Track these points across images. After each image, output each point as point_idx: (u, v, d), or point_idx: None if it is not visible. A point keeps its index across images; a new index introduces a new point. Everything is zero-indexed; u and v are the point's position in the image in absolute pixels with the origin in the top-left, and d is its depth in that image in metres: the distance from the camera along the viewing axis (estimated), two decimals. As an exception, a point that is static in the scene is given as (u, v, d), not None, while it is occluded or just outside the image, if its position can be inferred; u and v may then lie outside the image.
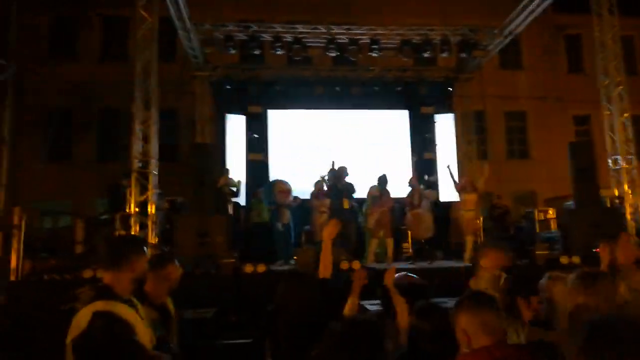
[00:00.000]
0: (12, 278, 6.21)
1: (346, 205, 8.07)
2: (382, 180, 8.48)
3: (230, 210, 9.13)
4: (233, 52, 10.49)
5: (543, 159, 15.53)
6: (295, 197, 9.02)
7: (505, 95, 15.67)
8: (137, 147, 7.83)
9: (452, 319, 2.13)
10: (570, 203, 8.45)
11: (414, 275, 3.26)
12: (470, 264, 5.55)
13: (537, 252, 7.23)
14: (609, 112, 8.70)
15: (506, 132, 16.63)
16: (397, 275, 3.06)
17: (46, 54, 14.56)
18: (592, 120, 15.66)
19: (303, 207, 9.25)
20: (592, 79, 9.61)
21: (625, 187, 8.25)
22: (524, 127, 16.79)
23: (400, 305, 2.75)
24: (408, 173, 11.10)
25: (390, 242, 8.24)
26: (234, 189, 9.17)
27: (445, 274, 6.40)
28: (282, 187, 8.61)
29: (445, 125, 12.48)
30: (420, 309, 2.59)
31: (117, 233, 7.00)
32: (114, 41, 14.24)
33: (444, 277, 5.73)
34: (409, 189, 8.76)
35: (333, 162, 8.36)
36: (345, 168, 8.25)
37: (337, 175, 8.16)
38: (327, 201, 8.50)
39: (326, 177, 8.40)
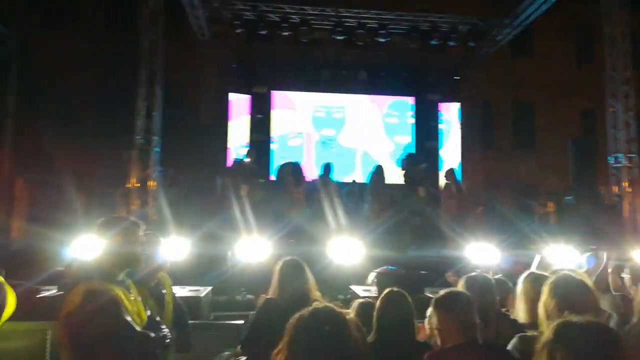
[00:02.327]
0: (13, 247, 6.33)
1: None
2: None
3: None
4: (240, 31, 10.42)
5: (548, 152, 15.45)
6: None
7: (513, 85, 15.51)
8: (140, 123, 7.87)
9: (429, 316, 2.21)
10: (570, 198, 8.46)
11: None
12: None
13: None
14: (613, 109, 8.64)
15: (512, 122, 16.52)
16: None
17: (50, 23, 14.46)
18: (599, 115, 15.52)
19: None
20: (602, 71, 9.49)
21: (626, 184, 8.23)
22: (531, 118, 16.66)
23: None
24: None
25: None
26: None
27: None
28: None
29: (450, 114, 12.43)
30: None
31: (117, 209, 7.09)
32: (120, 12, 14.12)
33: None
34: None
35: None
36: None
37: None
38: None
39: None
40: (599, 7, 9.08)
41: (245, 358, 3.00)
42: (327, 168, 8.51)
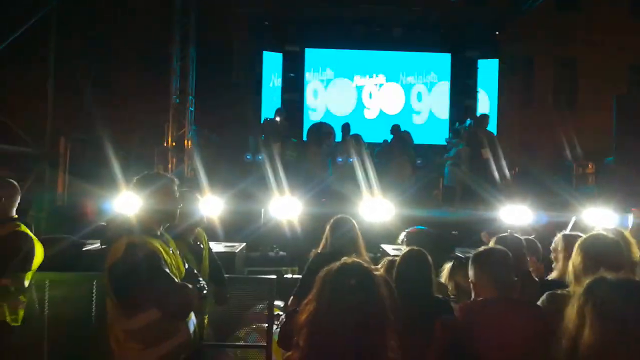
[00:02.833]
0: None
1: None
2: None
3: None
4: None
5: (591, 110, 14.81)
6: None
7: (557, 40, 14.75)
8: (175, 83, 7.96)
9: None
10: (611, 159, 8.15)
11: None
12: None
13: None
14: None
15: (554, 80, 15.82)
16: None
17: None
18: (650, 71, 14.67)
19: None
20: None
21: (673, 145, 7.83)
22: (575, 75, 15.91)
23: None
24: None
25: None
26: None
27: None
28: None
29: (488, 72, 12.01)
30: None
31: (155, 168, 7.29)
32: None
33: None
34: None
35: None
36: None
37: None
38: None
39: None
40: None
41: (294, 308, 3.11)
42: (346, 128, 8.52)
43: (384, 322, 1.68)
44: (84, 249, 4.20)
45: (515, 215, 5.41)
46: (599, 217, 4.83)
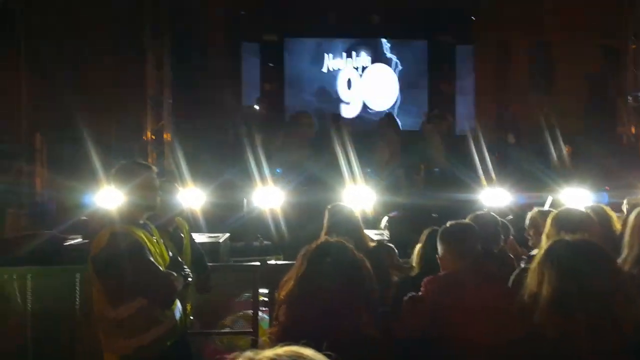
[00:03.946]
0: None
1: None
2: None
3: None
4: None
5: (565, 92, 15.05)
6: None
7: (531, 24, 14.91)
8: (150, 74, 7.86)
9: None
10: (582, 138, 8.36)
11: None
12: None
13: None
14: (634, 46, 8.34)
15: (529, 63, 16.01)
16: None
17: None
18: (622, 53, 14.92)
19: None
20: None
21: (644, 124, 8.08)
22: (549, 59, 16.12)
23: None
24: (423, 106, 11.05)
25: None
26: None
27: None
28: None
29: (464, 58, 12.13)
30: None
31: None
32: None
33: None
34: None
35: None
36: None
37: None
38: None
39: None
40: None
41: None
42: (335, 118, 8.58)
43: (360, 299, 1.73)
44: (65, 243, 4.17)
45: (495, 197, 5.54)
46: (576, 197, 4.98)
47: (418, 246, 2.96)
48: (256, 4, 11.64)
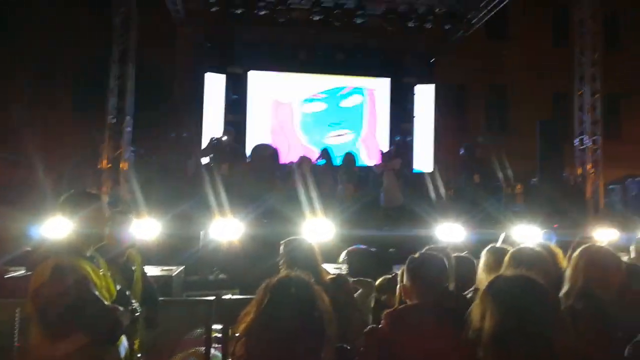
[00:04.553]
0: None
1: None
2: None
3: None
4: (215, 9, 10.26)
5: (519, 135, 15.70)
6: None
7: (488, 68, 15.64)
8: (112, 102, 7.75)
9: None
10: (535, 179, 8.71)
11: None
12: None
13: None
14: (580, 92, 8.86)
15: (486, 106, 16.68)
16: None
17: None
18: (571, 99, 15.76)
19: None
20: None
21: (589, 166, 8.50)
22: (505, 102, 16.85)
23: None
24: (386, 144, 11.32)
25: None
26: None
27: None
28: None
29: (425, 97, 12.55)
30: None
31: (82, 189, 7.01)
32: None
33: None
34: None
35: None
36: None
37: None
38: None
39: None
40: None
41: None
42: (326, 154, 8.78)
43: (320, 334, 1.72)
44: (6, 276, 3.96)
45: (450, 233, 5.65)
46: (526, 234, 5.15)
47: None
48: (222, 37, 11.77)
